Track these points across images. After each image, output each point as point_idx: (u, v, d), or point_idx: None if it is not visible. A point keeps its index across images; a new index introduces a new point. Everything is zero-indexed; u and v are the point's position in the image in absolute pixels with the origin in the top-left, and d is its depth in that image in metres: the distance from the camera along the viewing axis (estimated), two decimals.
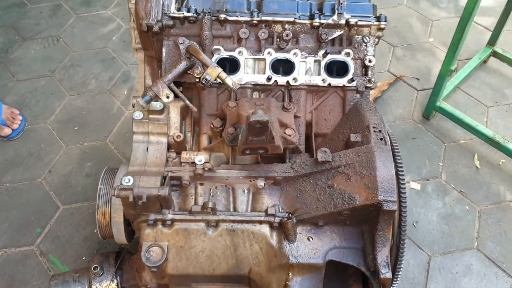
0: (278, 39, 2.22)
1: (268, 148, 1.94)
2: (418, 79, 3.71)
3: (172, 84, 2.05)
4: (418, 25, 4.11)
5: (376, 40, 2.25)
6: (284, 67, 2.27)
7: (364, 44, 2.22)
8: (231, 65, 2.26)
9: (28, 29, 4.20)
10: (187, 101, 2.07)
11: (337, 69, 2.28)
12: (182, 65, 2.06)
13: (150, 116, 2.12)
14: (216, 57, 2.18)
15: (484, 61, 3.59)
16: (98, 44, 4.00)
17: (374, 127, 2.00)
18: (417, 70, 3.78)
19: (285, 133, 2.01)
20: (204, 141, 2.21)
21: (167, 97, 2.01)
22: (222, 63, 2.21)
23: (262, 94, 2.27)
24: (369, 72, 2.22)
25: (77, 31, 4.19)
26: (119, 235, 2.21)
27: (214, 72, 2.00)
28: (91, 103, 3.65)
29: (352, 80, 2.17)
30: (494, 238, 2.90)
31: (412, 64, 3.82)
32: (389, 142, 1.98)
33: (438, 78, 3.18)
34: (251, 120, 1.76)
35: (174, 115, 2.18)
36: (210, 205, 1.98)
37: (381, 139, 1.97)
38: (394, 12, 4.24)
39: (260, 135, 1.85)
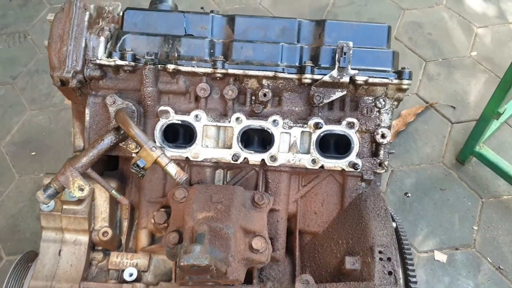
0: (252, 98, 1.55)
1: (221, 282, 1.32)
2: (454, 107, 2.97)
3: (90, 170, 1.42)
4: (458, 33, 3.32)
5: (395, 104, 1.55)
6: (260, 135, 1.61)
7: (377, 109, 1.53)
8: (186, 132, 1.61)
9: None
10: (114, 192, 1.45)
11: (336, 142, 1.61)
12: (105, 142, 1.42)
13: (65, 207, 1.51)
14: (163, 122, 1.53)
15: None
16: None
17: (380, 252, 1.34)
18: (453, 95, 3.03)
19: (250, 247, 1.38)
20: (143, 238, 1.59)
21: (81, 189, 1.39)
22: (173, 127, 1.56)
23: (228, 173, 1.62)
24: (381, 152, 1.53)
25: (48, 26, 3.54)
26: None
27: (150, 156, 1.37)
28: (54, 121, 3.06)
29: (355, 165, 1.50)
30: None
31: (447, 86, 3.07)
32: (401, 280, 1.32)
33: (480, 120, 2.45)
34: (182, 263, 1.13)
35: (101, 201, 1.56)
36: None
37: (390, 273, 1.31)
38: (430, 14, 3.44)
39: (202, 274, 1.23)
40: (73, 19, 1.47)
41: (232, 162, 1.53)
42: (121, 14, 1.68)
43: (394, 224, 1.48)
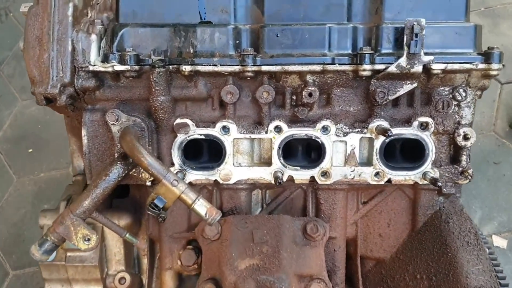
0: (293, 98, 1.20)
1: None
2: (503, 65, 2.58)
3: (95, 214, 1.10)
4: None
5: (478, 93, 1.20)
6: (304, 142, 1.28)
7: (455, 103, 1.19)
8: (210, 146, 1.28)
9: None
10: (129, 236, 1.13)
11: (402, 146, 1.27)
12: (111, 177, 1.09)
13: (69, 254, 1.20)
14: (181, 138, 1.19)
15: None
16: None
17: None
18: (501, 50, 2.64)
19: None
20: (169, 281, 1.29)
21: (87, 239, 1.08)
22: (196, 142, 1.23)
23: (267, 192, 1.30)
24: (463, 157, 1.20)
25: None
26: None
27: (170, 193, 1.04)
28: (50, 112, 2.65)
29: (435, 180, 1.16)
30: None
31: (493, 40, 2.66)
32: None
33: None
34: None
35: (114, 241, 1.27)
36: None
37: None
38: None
39: None
40: (52, 14, 1.11)
41: (273, 182, 1.20)
42: None
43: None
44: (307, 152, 1.30)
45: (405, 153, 1.27)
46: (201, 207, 1.05)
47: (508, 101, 2.48)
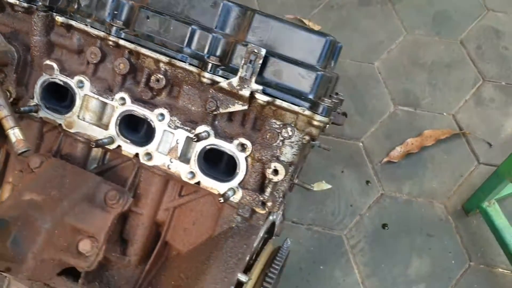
0: (145, 81, 1.31)
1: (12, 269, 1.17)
2: (491, 145, 2.44)
3: None
4: None
5: (306, 138, 1.23)
6: (147, 124, 1.38)
7: (281, 138, 1.22)
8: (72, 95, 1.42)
9: None
10: None
11: (228, 161, 1.33)
12: None
13: None
14: (44, 78, 1.35)
15: None
16: None
17: None
18: (497, 130, 2.46)
19: (76, 248, 1.21)
20: (5, 193, 1.47)
21: None
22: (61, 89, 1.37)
23: (108, 155, 1.42)
24: (268, 189, 1.25)
25: None
26: None
27: None
28: None
29: (222, 195, 1.22)
30: None
31: (495, 117, 2.50)
32: None
33: (494, 174, 1.98)
34: None
35: None
36: None
37: None
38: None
39: None
40: None
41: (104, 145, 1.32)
42: None
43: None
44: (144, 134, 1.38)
45: (232, 168, 1.33)
46: (13, 136, 1.21)
47: (475, 182, 2.35)
